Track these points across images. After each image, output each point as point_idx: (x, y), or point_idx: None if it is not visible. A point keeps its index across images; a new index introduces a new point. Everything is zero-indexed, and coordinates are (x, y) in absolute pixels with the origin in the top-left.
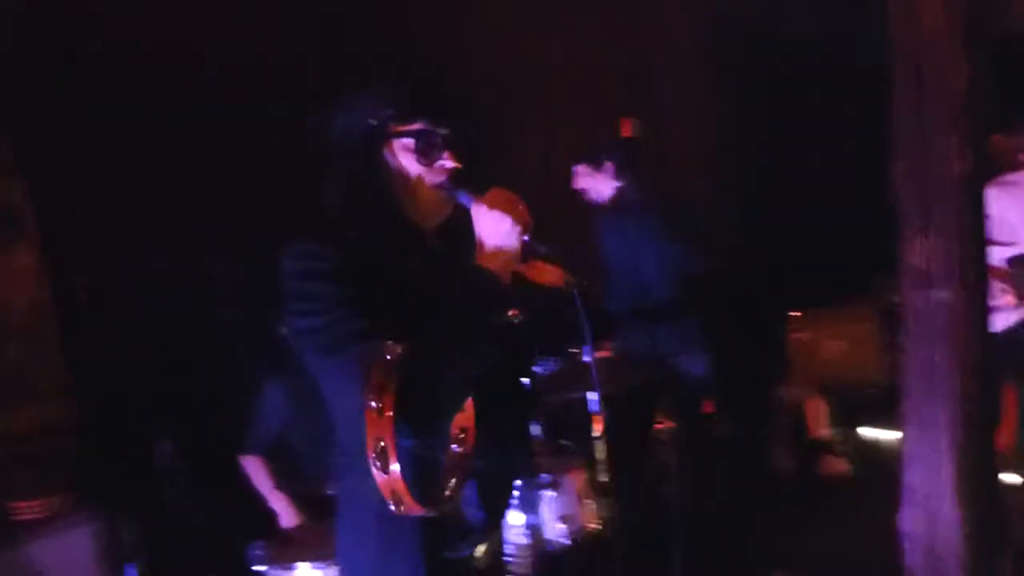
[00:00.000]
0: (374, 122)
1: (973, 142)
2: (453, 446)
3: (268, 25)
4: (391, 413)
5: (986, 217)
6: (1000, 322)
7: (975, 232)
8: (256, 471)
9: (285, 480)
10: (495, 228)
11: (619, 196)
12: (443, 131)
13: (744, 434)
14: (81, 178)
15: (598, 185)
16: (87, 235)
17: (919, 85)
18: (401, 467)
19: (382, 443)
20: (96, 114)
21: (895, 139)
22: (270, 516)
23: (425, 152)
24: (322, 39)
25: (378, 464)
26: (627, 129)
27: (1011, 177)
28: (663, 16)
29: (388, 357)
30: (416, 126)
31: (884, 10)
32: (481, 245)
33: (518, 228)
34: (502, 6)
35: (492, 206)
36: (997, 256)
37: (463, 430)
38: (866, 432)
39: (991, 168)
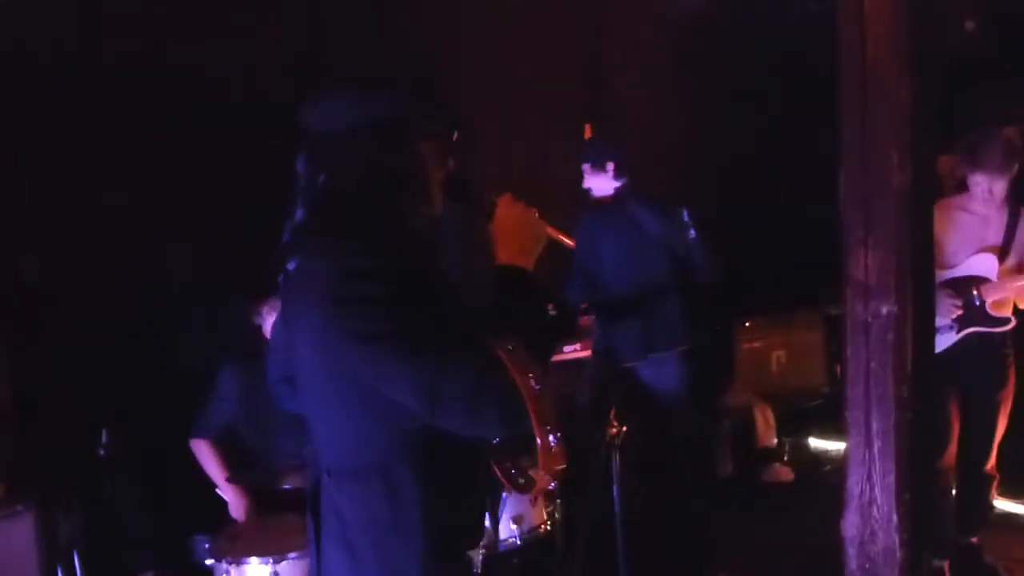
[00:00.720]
0: (406, 116)
1: (914, 156)
2: None
3: (266, 26)
4: (548, 397)
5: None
6: (940, 341)
7: (916, 245)
8: (206, 458)
9: (236, 471)
10: (530, 227)
11: (618, 195)
12: (456, 132)
13: (691, 439)
14: (37, 163)
15: (601, 184)
16: (38, 218)
17: (864, 97)
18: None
19: (550, 425)
20: (63, 106)
21: (839, 150)
22: (216, 508)
23: (452, 153)
24: (299, 43)
25: (554, 440)
26: (587, 132)
27: (953, 200)
28: (623, 16)
29: (514, 348)
30: (441, 126)
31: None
32: (509, 242)
33: (544, 224)
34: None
35: (519, 213)
36: (936, 279)
37: None
38: (814, 442)
39: (937, 186)
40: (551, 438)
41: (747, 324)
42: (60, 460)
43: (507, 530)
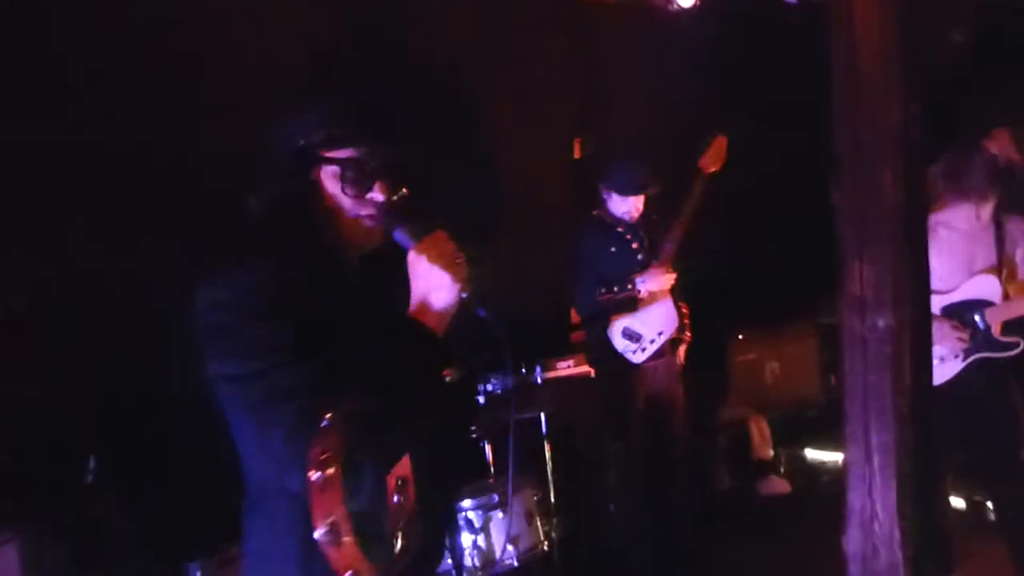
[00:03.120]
0: (302, 142)
1: (906, 174)
2: (394, 497)
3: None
4: (339, 484)
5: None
6: (943, 371)
7: (912, 260)
8: None
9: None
10: (435, 283)
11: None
12: (375, 162)
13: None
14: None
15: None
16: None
17: (855, 118)
18: (354, 536)
19: (332, 518)
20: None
21: (833, 169)
22: (207, 534)
23: (351, 182)
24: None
25: (329, 539)
26: (577, 150)
27: (935, 217)
28: (615, 37)
29: (328, 424)
30: (346, 153)
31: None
32: (417, 296)
33: (457, 286)
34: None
35: (432, 259)
36: (935, 305)
37: (401, 479)
38: (810, 452)
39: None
40: (332, 537)
41: (740, 337)
42: (46, 488)
43: (504, 551)
